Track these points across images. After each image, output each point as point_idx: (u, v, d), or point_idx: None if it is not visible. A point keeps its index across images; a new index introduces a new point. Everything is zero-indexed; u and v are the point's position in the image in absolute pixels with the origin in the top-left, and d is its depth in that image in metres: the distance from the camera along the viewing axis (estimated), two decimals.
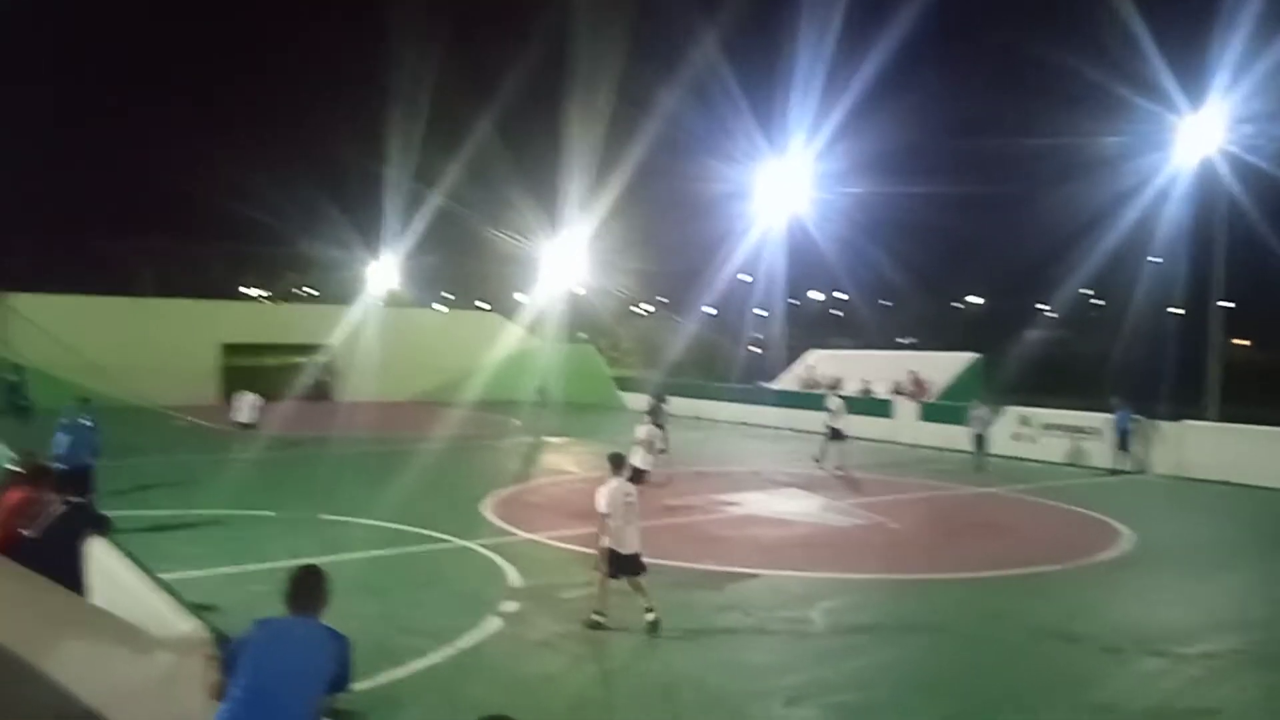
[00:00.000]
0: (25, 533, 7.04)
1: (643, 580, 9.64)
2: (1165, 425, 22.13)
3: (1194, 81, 25.91)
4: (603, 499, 9.64)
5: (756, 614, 10.19)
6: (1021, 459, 23.55)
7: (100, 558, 6.67)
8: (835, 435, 22.16)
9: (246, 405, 24.42)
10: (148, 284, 36.69)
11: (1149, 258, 46.71)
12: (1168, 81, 26.74)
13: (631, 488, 9.91)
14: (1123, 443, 21.90)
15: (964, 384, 29.03)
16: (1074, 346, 58.97)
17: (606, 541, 9.60)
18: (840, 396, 24.24)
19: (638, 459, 15.78)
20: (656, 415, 19.29)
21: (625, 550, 9.61)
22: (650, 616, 9.45)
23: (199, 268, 38.05)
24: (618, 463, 10.13)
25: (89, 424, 14.46)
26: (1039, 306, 68.32)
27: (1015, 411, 24.78)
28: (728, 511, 16.14)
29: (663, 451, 18.48)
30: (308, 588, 4.54)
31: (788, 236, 38.63)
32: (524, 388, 35.43)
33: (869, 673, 8.59)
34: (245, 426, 23.24)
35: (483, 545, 12.92)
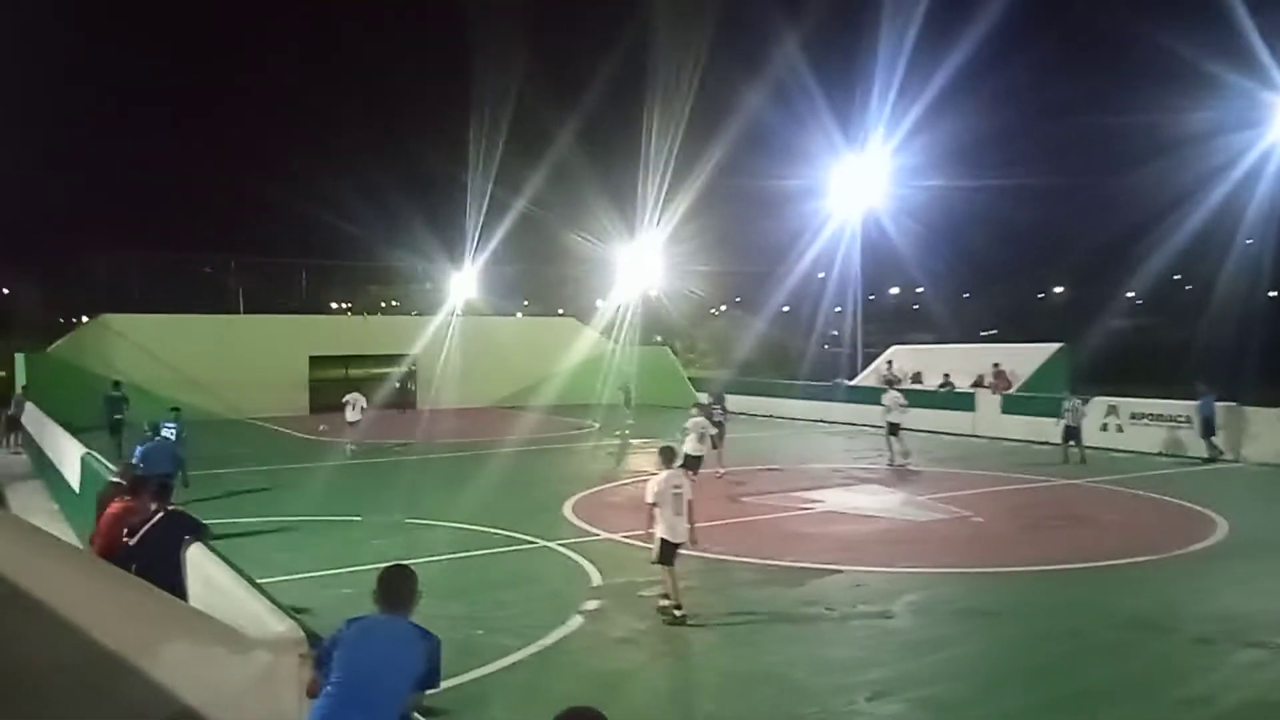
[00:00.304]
0: (127, 540, 7.35)
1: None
2: (1259, 412, 21.36)
3: None
4: (651, 489, 9.89)
5: (839, 608, 10.13)
6: (1108, 449, 22.93)
7: (198, 563, 6.92)
8: (893, 430, 21.68)
9: (355, 406, 25.35)
10: (237, 300, 37.66)
11: (1241, 239, 45.09)
12: (1262, 55, 25.82)
13: (682, 478, 10.10)
14: (1208, 429, 21.15)
15: (1047, 375, 28.38)
16: (1161, 333, 57.20)
17: (660, 531, 9.77)
18: (899, 390, 23.74)
19: (689, 446, 16.35)
20: (709, 409, 19.30)
21: (675, 539, 9.82)
22: (664, 602, 9.75)
23: (286, 282, 38.94)
24: (668, 456, 10.33)
25: (170, 435, 14.94)
26: (1125, 293, 66.47)
27: (1101, 401, 24.15)
28: (808, 508, 16.04)
29: (715, 448, 18.39)
30: (397, 586, 4.63)
31: (864, 232, 38.21)
32: (604, 391, 35.62)
33: (955, 666, 8.47)
34: (353, 425, 24.44)
35: (564, 545, 13.05)
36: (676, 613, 9.59)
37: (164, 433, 18.00)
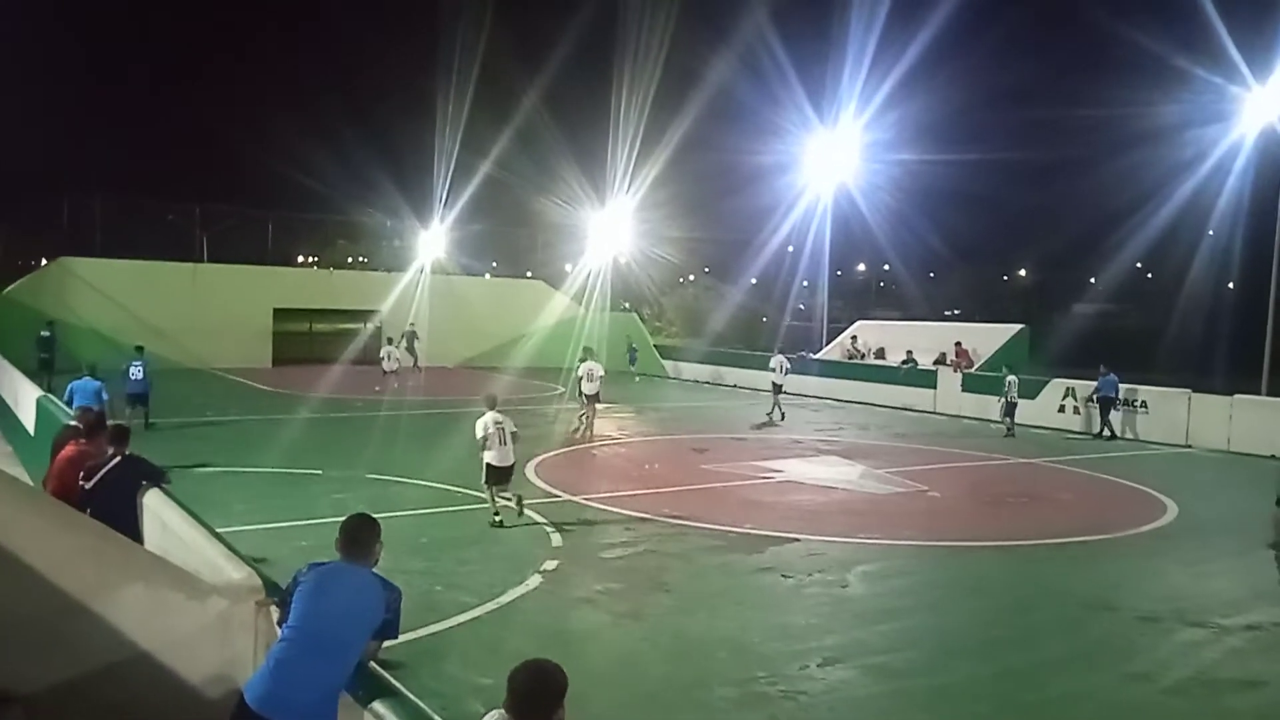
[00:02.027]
0: (83, 484, 7.24)
1: (508, 490, 12.39)
2: (1212, 399, 21.75)
3: (1258, 50, 25.23)
4: (479, 429, 12.22)
5: (795, 576, 10.22)
6: (1065, 431, 23.28)
7: (155, 508, 6.83)
8: (776, 390, 24.54)
9: (390, 356, 28.38)
10: (202, 249, 37.07)
11: (1204, 231, 45.72)
12: (1230, 50, 26.03)
13: (502, 417, 12.42)
14: (1105, 408, 22.38)
15: (1008, 355, 28.69)
16: (1125, 320, 58.00)
17: (488, 458, 12.09)
18: (785, 356, 26.21)
19: (585, 388, 20.39)
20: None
21: (501, 464, 12.10)
22: (509, 504, 12.25)
23: (252, 234, 38.38)
24: (490, 401, 12.85)
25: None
26: (1089, 280, 67.22)
27: (1059, 384, 24.46)
28: (768, 477, 16.14)
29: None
30: (360, 535, 4.58)
31: (834, 207, 38.27)
32: (573, 356, 35.59)
33: (906, 636, 8.59)
34: (388, 374, 26.25)
35: (526, 506, 13.04)
36: (495, 518, 11.88)
37: (132, 371, 18.85)
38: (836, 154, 36.23)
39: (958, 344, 29.52)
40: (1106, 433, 22.34)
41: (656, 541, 11.51)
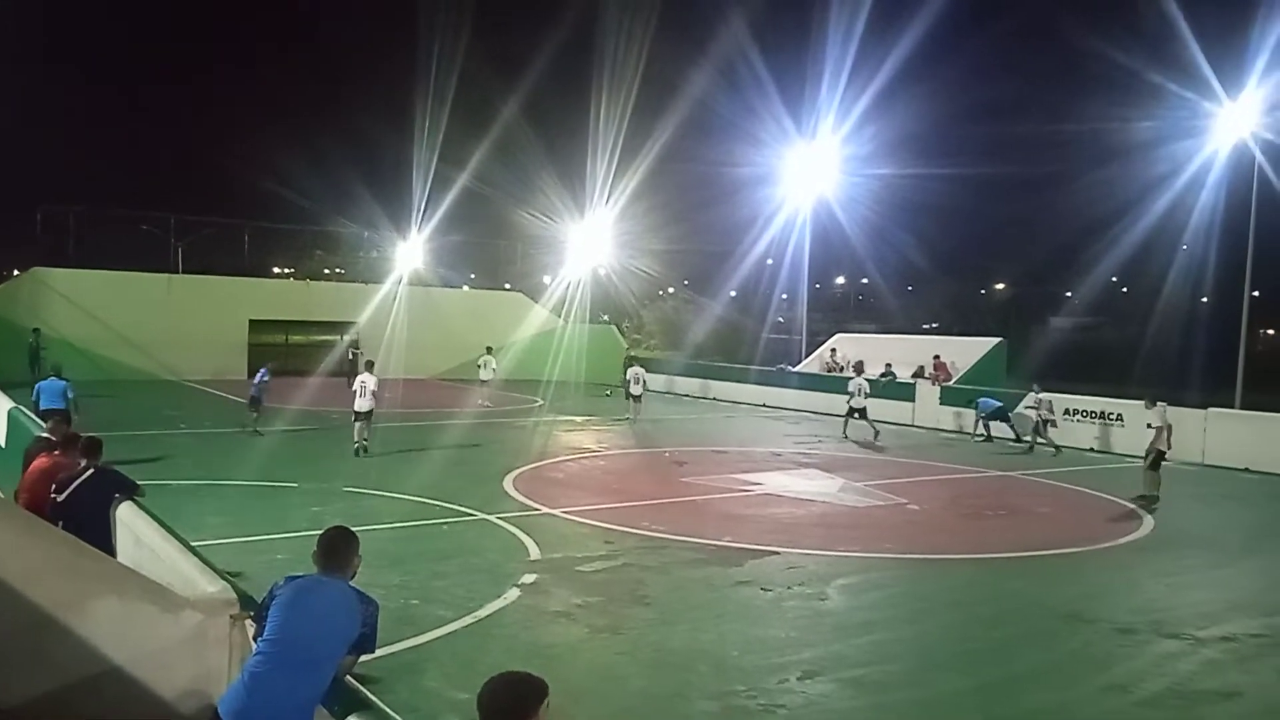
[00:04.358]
0: (55, 496, 7.17)
1: (366, 425, 18.21)
2: (1187, 412, 21.94)
3: (1229, 67, 25.61)
4: (356, 386, 18.49)
5: (774, 589, 10.23)
6: (1044, 443, 23.43)
7: (129, 521, 6.77)
8: (857, 414, 23.85)
9: (487, 365, 28.81)
10: (177, 259, 36.80)
11: (1178, 246, 46.22)
12: (1202, 66, 26.41)
13: (369, 378, 18.63)
14: (999, 418, 23.78)
15: (986, 368, 28.92)
16: (1100, 334, 58.54)
17: (356, 405, 18.26)
18: (866, 379, 25.19)
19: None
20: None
21: (361, 409, 18.22)
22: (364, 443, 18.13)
23: (228, 244, 38.16)
24: (369, 365, 19.50)
25: (61, 382, 15.89)
26: (1065, 293, 67.78)
27: (1035, 397, 24.64)
28: (748, 490, 16.17)
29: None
30: (338, 547, 4.54)
31: (813, 220, 38.46)
32: (555, 368, 35.69)
33: (885, 648, 8.61)
34: (485, 383, 26.15)
35: (503, 519, 13.02)
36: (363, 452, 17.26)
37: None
38: (815, 167, 36.45)
39: (936, 357, 29.68)
40: (1024, 440, 23.40)
41: (636, 555, 11.49)
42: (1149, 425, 16.87)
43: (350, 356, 34.66)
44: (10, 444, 12.73)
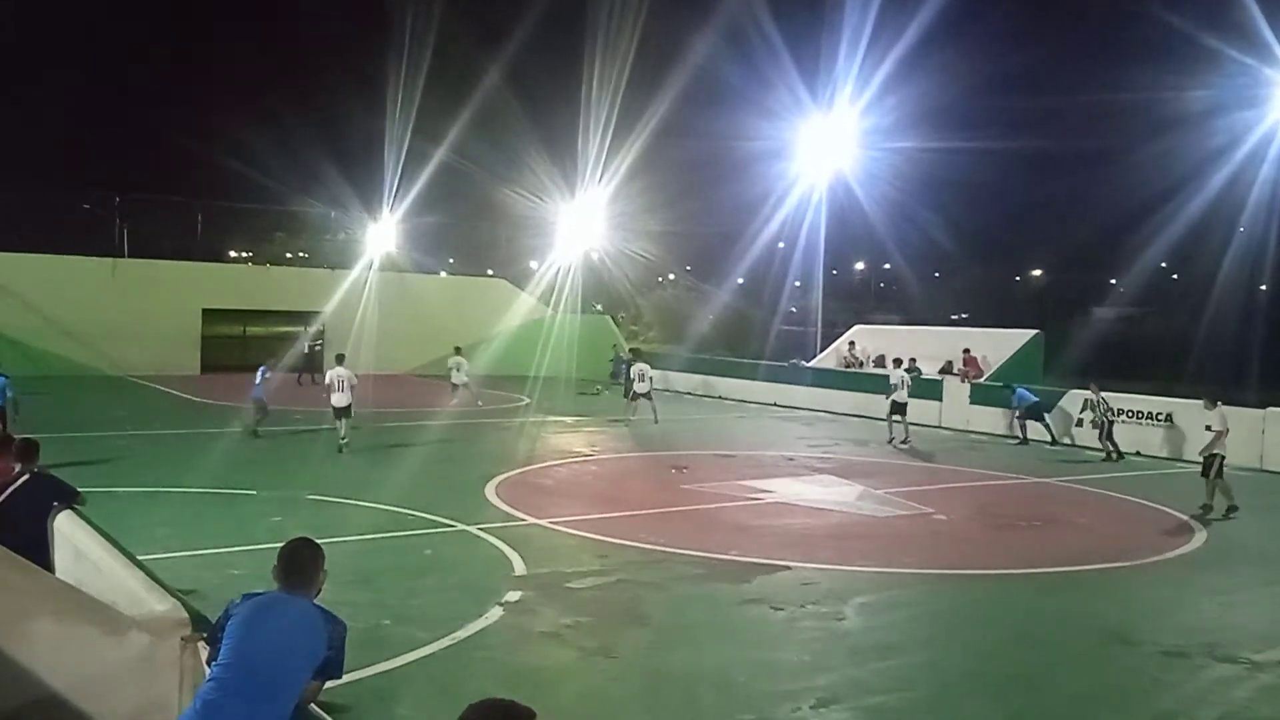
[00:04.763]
0: None
1: (345, 422, 19.31)
2: (1247, 413, 21.95)
3: None
4: (328, 378, 19.78)
5: (786, 608, 10.24)
6: (1083, 447, 23.46)
7: (68, 532, 6.75)
8: (895, 411, 23.99)
9: (460, 368, 28.01)
10: (122, 242, 36.77)
11: (1237, 228, 46.22)
12: (1262, 29, 26.36)
13: (346, 372, 19.36)
14: (1033, 416, 24.06)
15: (1021, 364, 28.93)
16: (1147, 325, 58.58)
17: (333, 400, 19.18)
18: (907, 371, 25.69)
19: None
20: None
21: (340, 404, 19.12)
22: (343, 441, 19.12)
23: (179, 225, 38.14)
24: (338, 358, 20.60)
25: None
26: (1109, 280, 67.83)
27: (1078, 395, 24.66)
28: (756, 499, 16.19)
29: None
30: (301, 561, 4.54)
31: (830, 199, 38.48)
32: (543, 363, 35.71)
33: (909, 674, 8.62)
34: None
35: (486, 530, 13.02)
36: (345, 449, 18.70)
37: None
38: (832, 140, 36.46)
39: (966, 351, 29.69)
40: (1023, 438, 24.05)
41: (632, 570, 11.50)
42: (1208, 428, 16.86)
43: (307, 351, 34.66)
44: None
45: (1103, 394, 22.98)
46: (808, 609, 10.27)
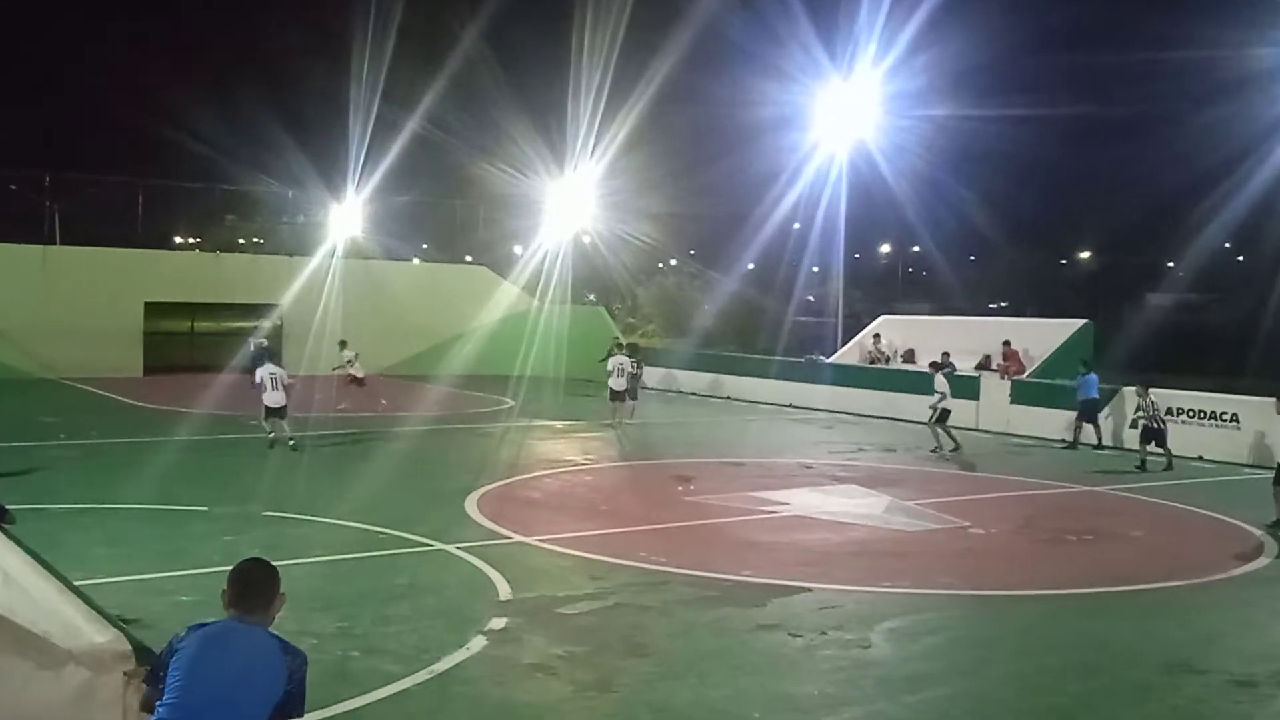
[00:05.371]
0: None
1: (285, 422, 20.09)
2: None
3: None
4: (255, 378, 20.01)
5: (805, 635, 10.25)
6: (1137, 451, 23.45)
7: None
8: (936, 417, 23.45)
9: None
10: (53, 227, 36.74)
11: None
12: None
13: (277, 369, 20.13)
14: (1086, 415, 23.92)
15: (1068, 357, 28.88)
16: (1209, 314, 58.63)
17: (265, 400, 19.72)
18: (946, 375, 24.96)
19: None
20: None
21: (273, 405, 19.74)
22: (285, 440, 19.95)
23: (117, 208, 38.11)
24: (264, 353, 21.43)
25: None
26: (1166, 264, 67.86)
27: (1133, 394, 24.65)
28: (771, 512, 16.20)
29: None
30: (256, 585, 4.53)
31: (851, 174, 38.42)
32: (528, 361, 35.70)
33: (943, 708, 8.63)
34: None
35: (466, 549, 13.02)
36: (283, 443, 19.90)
37: None
38: (853, 107, 36.39)
39: (1006, 344, 29.69)
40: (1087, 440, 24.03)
41: (630, 593, 11.51)
42: None
43: (254, 349, 34.44)
44: None
45: (1151, 394, 22.65)
46: (829, 636, 10.27)
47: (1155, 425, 21.99)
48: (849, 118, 36.50)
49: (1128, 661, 9.83)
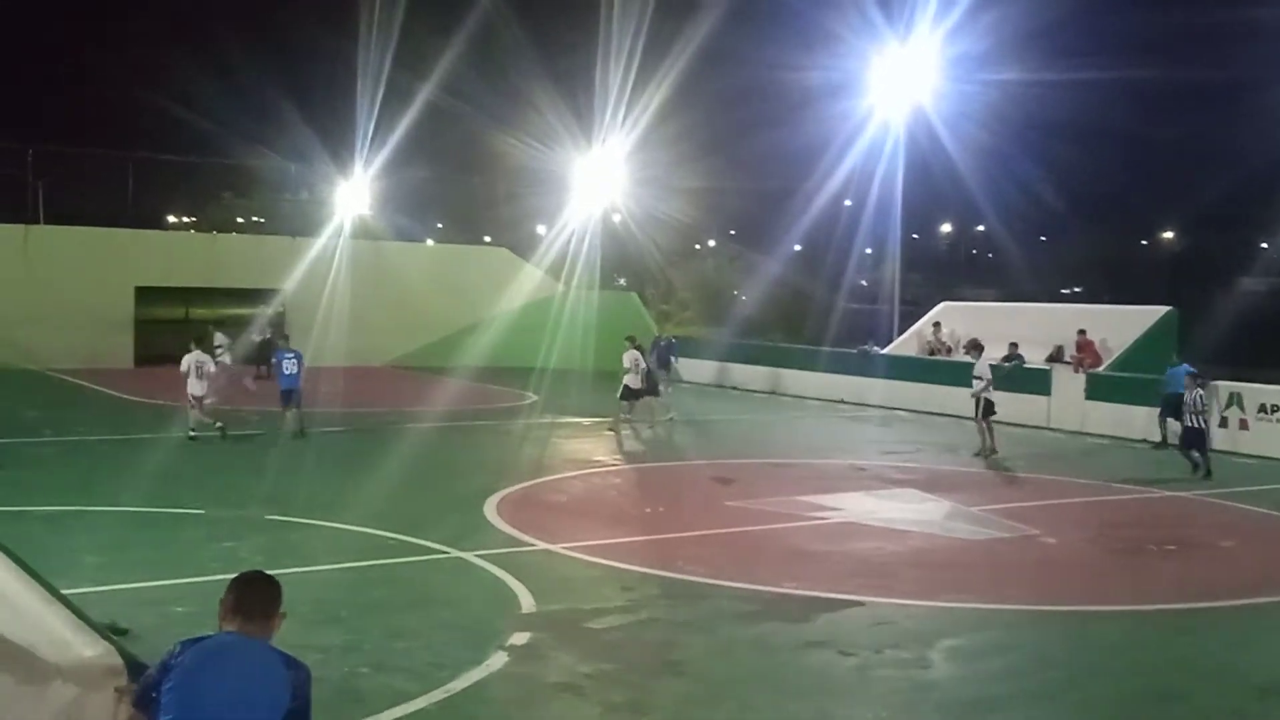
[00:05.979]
0: None
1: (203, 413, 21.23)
2: None
3: None
4: (183, 366, 21.25)
5: (858, 654, 10.22)
6: (1229, 453, 23.25)
7: None
8: (980, 410, 22.80)
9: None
10: (36, 204, 37.03)
11: None
12: None
13: (205, 358, 21.62)
14: (1172, 412, 22.41)
15: (1150, 348, 28.66)
16: None
17: (190, 389, 21.07)
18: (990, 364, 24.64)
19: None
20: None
21: (200, 395, 21.16)
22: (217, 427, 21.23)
23: (105, 184, 38.39)
24: (199, 342, 22.17)
25: None
26: (1259, 244, 67.22)
27: (1222, 388, 24.45)
28: (821, 518, 16.16)
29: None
30: (256, 597, 4.55)
31: (909, 146, 38.22)
32: (552, 351, 35.74)
33: None
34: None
35: (485, 557, 13.04)
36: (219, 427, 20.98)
37: None
38: (911, 72, 36.21)
39: (1081, 333, 29.49)
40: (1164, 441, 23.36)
41: (665, 606, 11.52)
42: None
43: (259, 340, 34.61)
44: None
45: (1199, 388, 22.09)
46: (884, 655, 10.24)
47: (1194, 424, 21.00)
48: (906, 83, 36.33)
49: (1217, 686, 9.75)
